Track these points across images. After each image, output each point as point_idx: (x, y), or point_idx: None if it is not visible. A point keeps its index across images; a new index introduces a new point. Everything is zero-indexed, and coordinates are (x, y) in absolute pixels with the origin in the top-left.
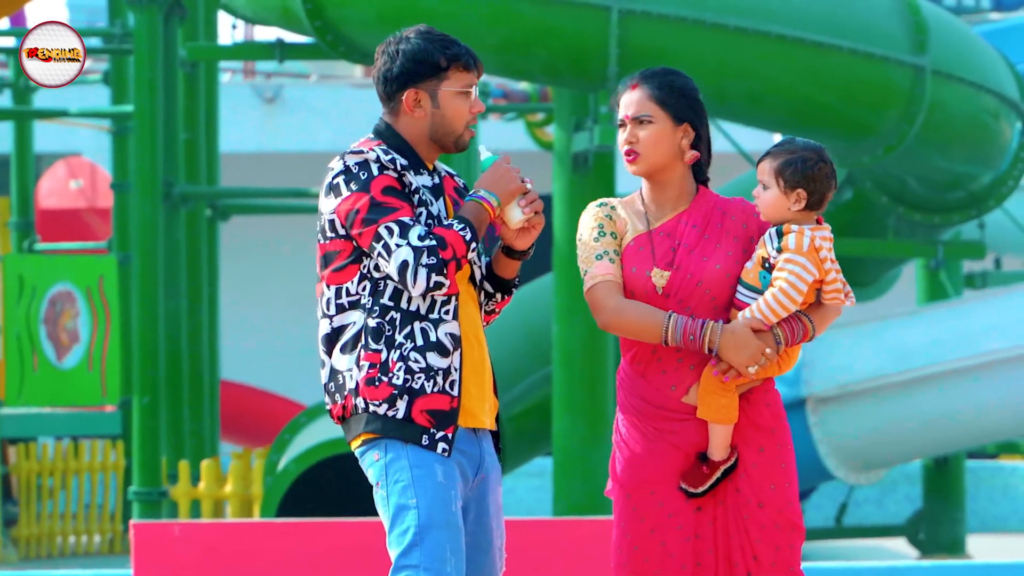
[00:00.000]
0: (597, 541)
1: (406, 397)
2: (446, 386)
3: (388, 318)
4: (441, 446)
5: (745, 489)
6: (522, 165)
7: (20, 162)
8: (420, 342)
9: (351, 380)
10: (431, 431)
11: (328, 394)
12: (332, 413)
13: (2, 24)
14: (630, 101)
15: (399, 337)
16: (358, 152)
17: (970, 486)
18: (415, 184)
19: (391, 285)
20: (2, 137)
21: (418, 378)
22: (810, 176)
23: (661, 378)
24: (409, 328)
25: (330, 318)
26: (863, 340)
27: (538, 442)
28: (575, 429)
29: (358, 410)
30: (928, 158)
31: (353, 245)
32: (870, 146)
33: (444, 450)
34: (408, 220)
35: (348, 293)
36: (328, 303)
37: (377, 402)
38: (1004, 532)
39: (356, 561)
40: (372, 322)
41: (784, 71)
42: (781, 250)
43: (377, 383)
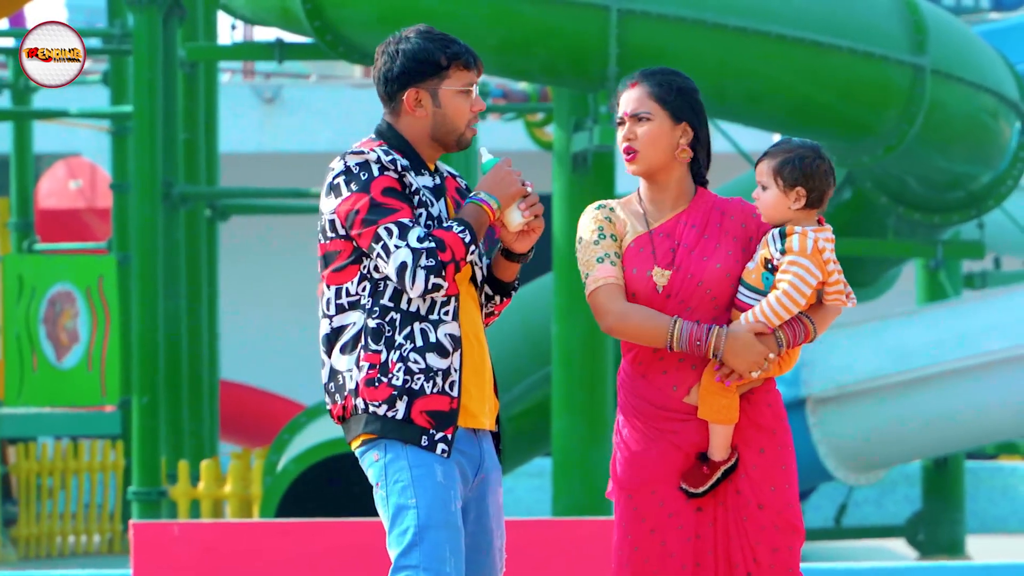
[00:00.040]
0: (596, 541)
1: (405, 398)
2: (446, 387)
3: (388, 319)
4: (440, 447)
5: (745, 490)
6: (521, 165)
7: (20, 162)
8: (420, 343)
9: (351, 381)
10: (430, 432)
11: (328, 394)
12: (332, 413)
13: (2, 24)
14: (629, 98)
15: (399, 338)
16: (359, 152)
17: (969, 487)
18: (416, 185)
19: (391, 286)
20: (2, 137)
21: (417, 379)
22: (808, 173)
23: (663, 378)
24: (409, 329)
25: (330, 318)
26: (862, 340)
27: (537, 442)
28: (574, 429)
29: (358, 411)
30: (928, 158)
31: (353, 245)
32: (870, 146)
33: (443, 451)
34: (408, 222)
35: (348, 293)
36: (328, 303)
37: (376, 403)
38: (1003, 533)
39: (356, 561)
40: (372, 323)
41: (784, 71)
42: (785, 251)
43: (376, 384)
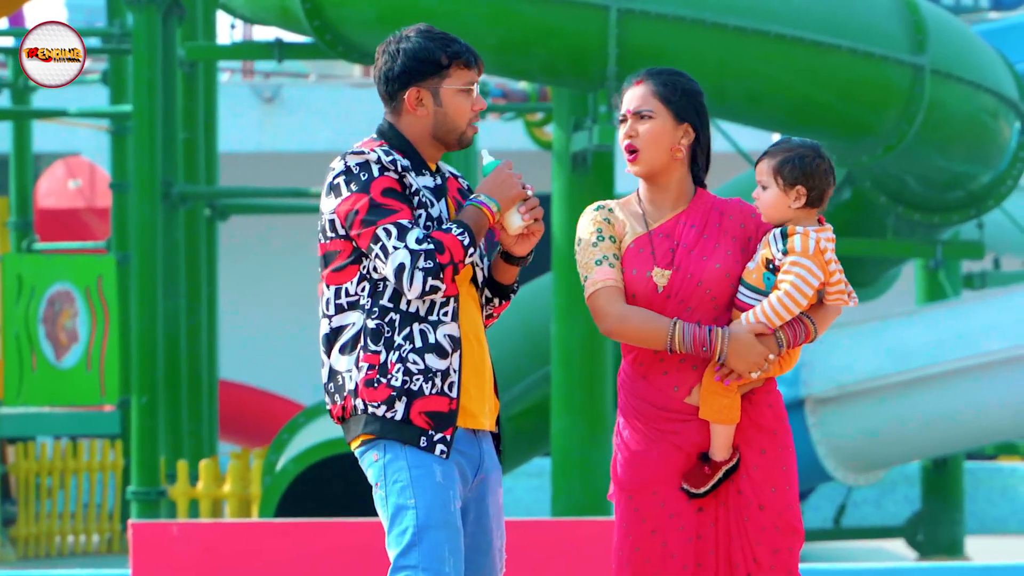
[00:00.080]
0: (596, 541)
1: (404, 399)
2: (445, 388)
3: (387, 319)
4: (439, 448)
5: (746, 491)
6: (521, 165)
7: (19, 162)
8: (419, 344)
9: (350, 381)
10: (429, 433)
11: (328, 394)
12: (332, 413)
13: (2, 24)
14: (633, 96)
15: (398, 339)
16: (359, 152)
17: (969, 487)
18: (416, 186)
19: (391, 286)
20: (1, 137)
21: (417, 380)
22: (808, 172)
23: (663, 379)
24: (408, 330)
25: (329, 318)
26: (862, 340)
27: (537, 442)
28: (574, 429)
29: (357, 411)
30: (927, 157)
31: (353, 246)
32: (869, 145)
33: (442, 452)
34: (407, 223)
35: (347, 294)
36: (328, 303)
37: (376, 403)
38: (1003, 533)
39: (355, 561)
40: (371, 323)
41: (784, 71)
42: (787, 252)
43: (376, 384)
